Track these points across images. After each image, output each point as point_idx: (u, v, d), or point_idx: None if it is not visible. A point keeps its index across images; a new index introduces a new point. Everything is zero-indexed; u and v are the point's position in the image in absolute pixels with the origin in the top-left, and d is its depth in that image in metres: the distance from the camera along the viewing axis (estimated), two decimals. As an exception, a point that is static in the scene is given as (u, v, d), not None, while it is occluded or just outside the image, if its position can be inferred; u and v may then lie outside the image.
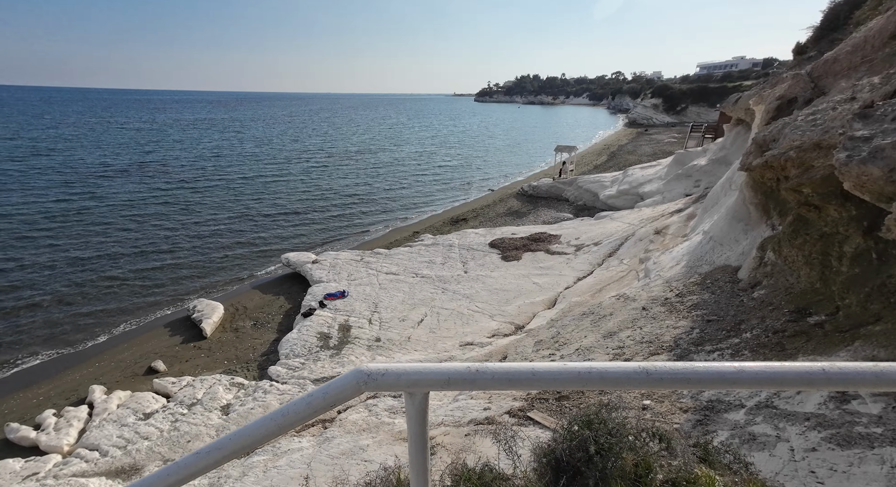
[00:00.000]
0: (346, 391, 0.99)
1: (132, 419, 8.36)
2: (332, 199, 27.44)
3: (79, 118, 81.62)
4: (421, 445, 1.08)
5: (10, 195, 24.53)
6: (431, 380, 0.97)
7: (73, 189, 26.54)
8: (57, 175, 30.26)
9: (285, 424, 1.00)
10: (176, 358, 11.21)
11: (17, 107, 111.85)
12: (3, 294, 14.07)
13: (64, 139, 50.09)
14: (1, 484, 6.92)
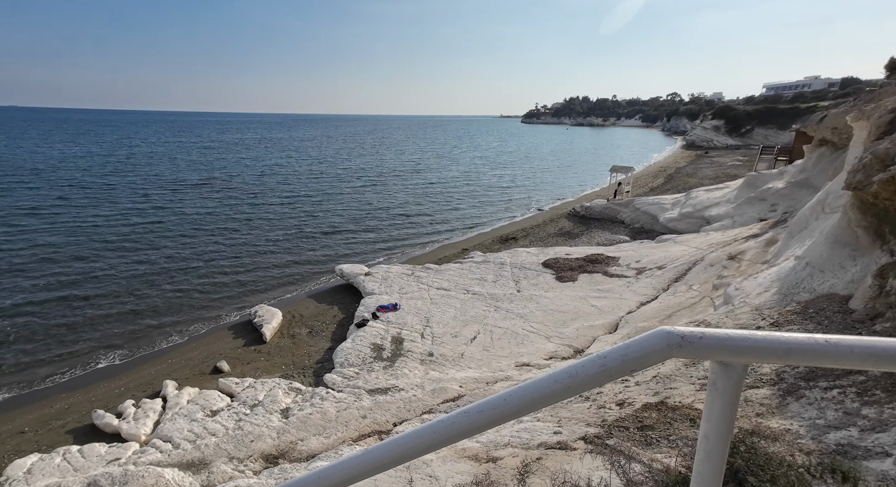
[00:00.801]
0: (652, 354, 0.82)
1: (200, 415, 8.79)
2: (382, 215, 28.25)
3: (159, 138, 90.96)
4: (724, 432, 0.87)
5: (100, 207, 27.51)
6: (765, 349, 0.79)
7: (150, 202, 29.32)
8: (138, 189, 33.63)
9: (573, 386, 0.84)
10: (239, 360, 11.76)
11: (110, 128, 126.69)
12: (94, 296, 15.58)
13: (145, 157, 55.86)
14: (88, 466, 7.47)
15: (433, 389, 8.48)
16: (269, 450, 7.35)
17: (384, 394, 8.68)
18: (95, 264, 18.19)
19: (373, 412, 8.04)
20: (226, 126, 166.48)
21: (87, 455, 7.77)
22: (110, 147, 66.79)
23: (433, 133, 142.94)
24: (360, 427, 7.63)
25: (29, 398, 10.25)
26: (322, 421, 7.90)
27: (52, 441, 8.69)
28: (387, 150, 76.35)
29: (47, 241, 20.55)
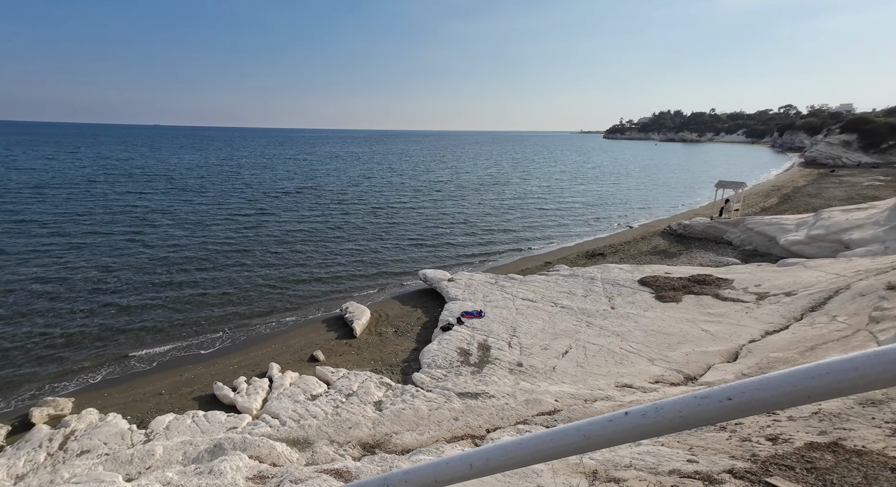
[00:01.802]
0: None
1: (302, 398, 9.40)
2: (462, 226, 28.57)
3: (263, 150, 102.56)
4: None
5: (217, 210, 31.50)
6: None
7: (253, 206, 32.89)
8: (243, 194, 38.00)
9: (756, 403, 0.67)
10: (332, 351, 12.46)
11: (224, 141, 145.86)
12: (210, 285, 17.73)
13: (250, 167, 63.18)
14: (212, 429, 8.34)
15: (526, 400, 8.14)
16: (365, 439, 7.56)
17: (474, 399, 8.53)
18: (207, 258, 20.76)
19: (464, 415, 7.92)
20: (316, 140, 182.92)
21: (210, 421, 8.68)
22: (223, 158, 76.91)
23: (511, 148, 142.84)
24: (453, 429, 7.55)
25: (165, 367, 11.83)
26: (415, 418, 7.97)
27: (182, 405, 9.89)
28: (465, 163, 77.73)
29: (174, 234, 24.01)
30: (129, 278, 17.32)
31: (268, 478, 5.85)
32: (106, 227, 24.84)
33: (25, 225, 24.33)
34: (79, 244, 21.33)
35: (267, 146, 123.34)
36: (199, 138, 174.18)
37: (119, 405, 9.82)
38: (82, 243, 21.62)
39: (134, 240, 22.54)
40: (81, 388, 10.67)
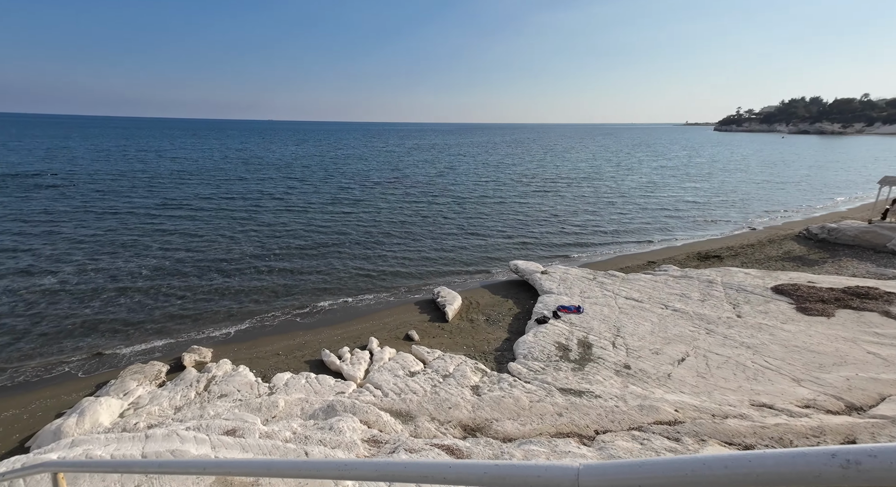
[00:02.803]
0: None
1: (401, 373, 9.74)
2: (552, 219, 27.46)
3: (358, 143, 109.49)
4: None
5: (317, 197, 34.25)
6: None
7: (348, 194, 35.10)
8: (340, 183, 40.76)
9: None
10: (425, 332, 12.77)
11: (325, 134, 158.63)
12: (317, 266, 19.29)
13: (347, 158, 67.72)
14: (323, 391, 9.04)
15: (639, 405, 7.42)
16: (465, 421, 7.54)
17: (578, 396, 8.02)
18: (309, 238, 22.64)
19: (569, 412, 7.48)
20: (405, 134, 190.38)
21: (321, 383, 9.41)
22: (323, 150, 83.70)
23: (605, 141, 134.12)
24: (557, 425, 7.16)
25: (280, 331, 13.17)
26: (515, 407, 7.74)
27: (296, 366, 10.90)
28: (554, 157, 74.80)
29: (283, 217, 26.65)
30: (251, 252, 19.65)
31: (381, 443, 6.10)
32: (229, 207, 28.57)
33: (171, 206, 29.02)
34: (210, 221, 24.81)
35: (361, 139, 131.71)
36: (304, 132, 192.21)
37: (246, 360, 11.14)
38: (212, 219, 25.12)
39: (251, 219, 25.57)
40: (218, 342, 12.33)
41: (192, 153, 67.97)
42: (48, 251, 18.50)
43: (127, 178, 39.30)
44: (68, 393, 9.63)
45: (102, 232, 21.66)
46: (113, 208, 27.02)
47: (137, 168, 46.20)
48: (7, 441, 8.01)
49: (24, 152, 59.27)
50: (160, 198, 30.58)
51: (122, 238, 20.75)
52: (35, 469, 1.70)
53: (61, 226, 22.46)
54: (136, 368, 10.32)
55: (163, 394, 9.14)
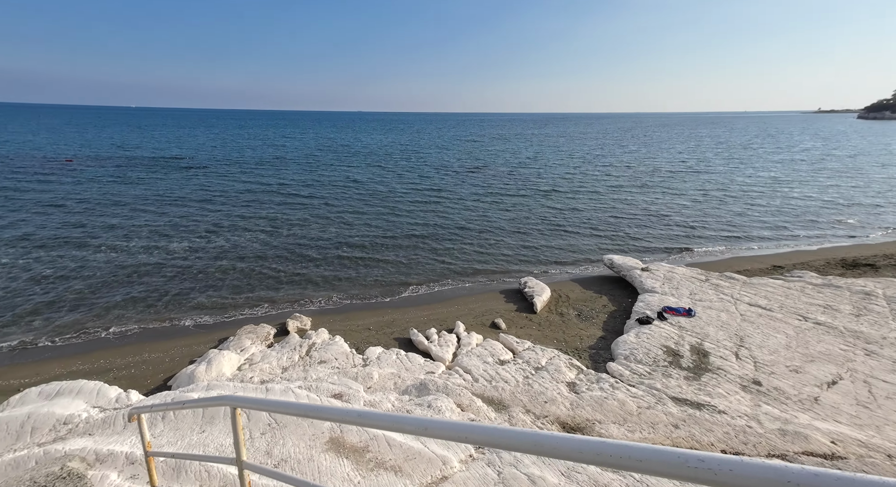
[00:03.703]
0: None
1: (491, 360, 9.47)
2: (647, 214, 25.07)
3: (440, 132, 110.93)
4: None
5: (400, 185, 35.15)
6: None
7: (428, 182, 35.47)
8: (421, 171, 41.39)
9: None
10: (512, 322, 12.35)
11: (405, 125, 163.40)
12: (404, 250, 19.77)
13: (428, 147, 68.80)
14: (413, 368, 9.13)
15: (780, 429, 6.25)
16: (563, 418, 7.03)
17: (696, 409, 7.03)
18: (395, 223, 23.24)
19: (686, 424, 6.57)
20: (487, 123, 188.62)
21: (411, 361, 9.53)
22: (407, 140, 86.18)
23: (713, 131, 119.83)
24: (673, 437, 6.33)
25: (371, 306, 13.71)
26: (621, 411, 7.02)
27: (385, 342, 11.22)
28: (651, 148, 68.59)
29: (365, 204, 27.79)
30: (340, 233, 20.82)
31: (481, 428, 5.89)
32: (319, 194, 30.63)
33: (274, 190, 31.95)
34: (305, 205, 26.83)
35: (444, 129, 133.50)
36: (389, 122, 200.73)
37: (340, 331, 11.74)
38: (306, 203, 27.13)
39: (338, 204, 27.12)
40: (315, 312, 13.20)
41: (291, 142, 74.55)
42: (177, 222, 21.49)
43: (238, 163, 44.28)
44: (198, 344, 10.99)
45: (212, 210, 24.59)
46: (227, 189, 30.60)
47: (247, 155, 51.80)
48: (154, 378, 9.35)
49: (163, 140, 69.98)
50: (265, 181, 33.90)
51: (233, 215, 23.35)
52: (218, 400, 1.80)
53: (187, 204, 25.97)
54: (249, 328, 11.44)
55: (271, 354, 9.97)
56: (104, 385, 6.61)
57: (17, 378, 9.22)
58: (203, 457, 2.17)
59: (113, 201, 25.18)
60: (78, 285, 14.00)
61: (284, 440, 4.75)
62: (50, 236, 18.61)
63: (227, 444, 4.68)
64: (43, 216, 21.60)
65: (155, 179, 32.76)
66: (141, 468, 4.25)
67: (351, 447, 4.66)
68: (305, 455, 4.49)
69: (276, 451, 4.55)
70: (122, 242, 18.25)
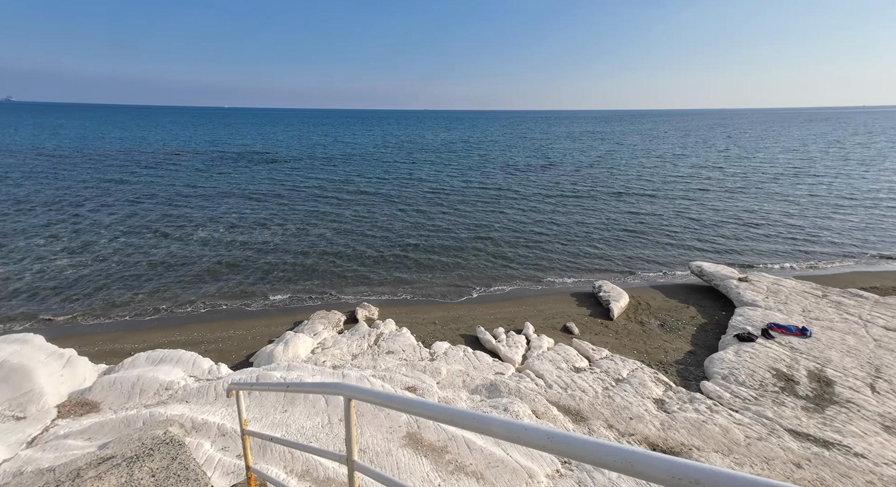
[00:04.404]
0: None
1: (564, 366, 8.85)
2: (739, 220, 22.40)
3: (508, 130, 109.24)
4: None
5: (457, 180, 34.78)
6: None
7: (492, 180, 34.70)
8: (484, 169, 40.72)
9: None
10: (586, 327, 11.52)
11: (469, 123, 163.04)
12: (467, 246, 19.48)
13: (491, 144, 67.82)
14: (481, 368, 8.80)
15: (946, 487, 4.99)
16: (653, 438, 6.27)
17: (824, 448, 5.90)
18: (454, 220, 22.97)
19: (813, 465, 5.52)
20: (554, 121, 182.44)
21: (479, 359, 9.20)
22: (468, 137, 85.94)
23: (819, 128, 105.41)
24: (796, 478, 5.33)
25: (436, 300, 13.61)
26: (724, 439, 6.10)
27: (451, 337, 11.01)
28: (743, 147, 61.85)
29: (427, 201, 27.82)
30: (404, 228, 21.05)
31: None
32: (383, 190, 31.34)
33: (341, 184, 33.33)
34: (370, 200, 27.58)
35: (507, 126, 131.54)
36: (453, 120, 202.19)
37: (406, 323, 11.74)
38: (373, 198, 27.88)
39: (401, 200, 27.51)
40: (382, 303, 13.37)
41: (358, 139, 77.79)
42: (257, 213, 23.14)
43: (310, 159, 46.93)
44: (275, 325, 11.60)
45: (286, 203, 26.14)
46: (299, 184, 32.51)
47: (318, 151, 54.77)
48: (238, 353, 10.00)
49: (248, 137, 76.54)
50: (334, 176, 35.52)
51: (304, 208, 24.65)
52: (332, 388, 1.71)
53: (266, 198, 27.93)
54: (321, 314, 11.85)
55: (342, 340, 10.20)
56: (199, 357, 7.08)
57: (129, 343, 10.36)
58: (306, 448, 1.99)
59: (205, 192, 27.86)
60: (178, 265, 15.54)
61: (362, 429, 4.64)
62: (157, 220, 20.98)
63: (307, 427, 4.68)
64: (152, 202, 24.46)
65: (239, 173, 35.78)
66: (230, 441, 4.37)
67: (429, 445, 4.43)
68: (383, 447, 4.34)
69: (354, 440, 4.45)
70: (210, 229, 20.04)
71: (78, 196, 25.15)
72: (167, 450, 3.43)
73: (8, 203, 23.10)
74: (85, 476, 3.23)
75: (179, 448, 3.47)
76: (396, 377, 6.40)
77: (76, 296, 12.98)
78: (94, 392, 5.99)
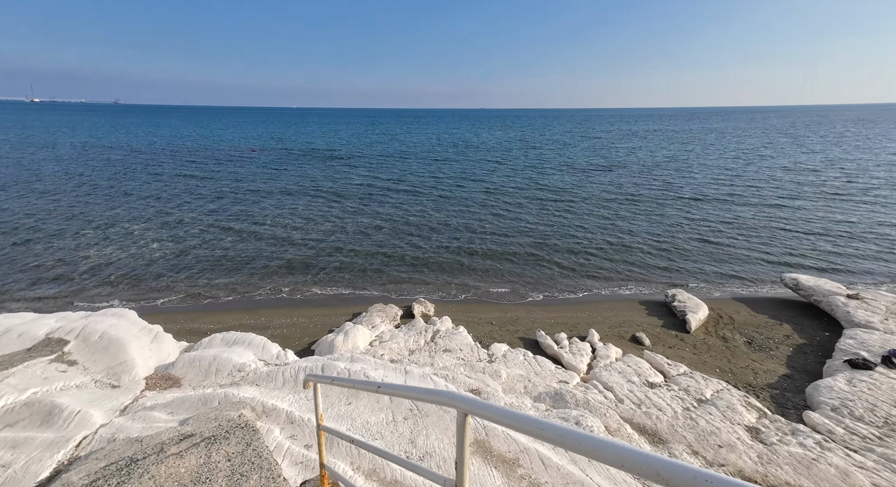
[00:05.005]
0: None
1: (636, 380, 8.10)
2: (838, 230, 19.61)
3: (568, 129, 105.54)
4: None
5: (511, 179, 33.80)
6: None
7: (549, 179, 33.31)
8: (541, 169, 39.31)
9: None
10: (658, 339, 10.57)
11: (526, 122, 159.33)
12: (519, 248, 18.83)
13: (550, 144, 65.58)
14: (543, 374, 8.31)
15: None
16: (749, 472, 5.46)
17: (982, 510, 4.76)
18: (507, 219, 22.26)
19: (970, 530, 4.46)
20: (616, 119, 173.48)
21: (541, 365, 8.70)
22: (529, 135, 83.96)
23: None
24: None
25: (492, 300, 13.23)
26: (843, 484, 5.16)
27: (509, 339, 10.59)
28: (845, 146, 54.77)
29: (479, 200, 27.28)
30: (456, 226, 20.80)
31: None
32: (436, 187, 31.29)
33: (396, 181, 33.79)
34: (427, 198, 27.66)
35: (567, 125, 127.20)
36: (510, 118, 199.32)
37: (463, 321, 11.48)
38: (427, 196, 27.93)
39: (454, 197, 27.26)
40: (437, 300, 13.25)
41: (414, 137, 78.98)
42: (319, 206, 24.09)
43: (367, 156, 48.25)
44: (335, 315, 11.88)
45: (345, 198, 26.92)
46: (357, 180, 33.50)
47: (375, 149, 56.19)
48: (301, 340, 10.33)
49: (312, 135, 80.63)
50: (389, 175, 36.21)
51: (361, 204, 25.27)
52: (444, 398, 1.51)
53: (325, 193, 29.03)
54: (379, 307, 11.95)
55: (399, 335, 10.17)
56: (267, 341, 7.32)
57: (205, 324, 11.10)
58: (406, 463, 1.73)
59: (273, 188, 29.59)
60: (248, 254, 16.54)
61: (427, 431, 4.43)
62: (233, 213, 22.58)
63: (372, 423, 4.56)
64: (230, 196, 26.41)
65: (303, 170, 37.65)
66: (298, 429, 4.34)
67: (499, 455, 4.11)
68: (451, 452, 4.08)
69: (420, 442, 4.25)
70: (278, 223, 21.16)
71: (167, 188, 27.81)
72: (242, 435, 3.42)
73: (112, 193, 26.09)
74: (168, 452, 3.30)
75: (253, 434, 3.44)
76: (459, 378, 6.15)
77: (163, 278, 14.22)
78: (176, 368, 6.36)
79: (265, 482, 2.89)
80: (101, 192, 26.20)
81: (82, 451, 4.29)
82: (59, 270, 14.61)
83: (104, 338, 6.67)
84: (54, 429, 4.65)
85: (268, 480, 2.91)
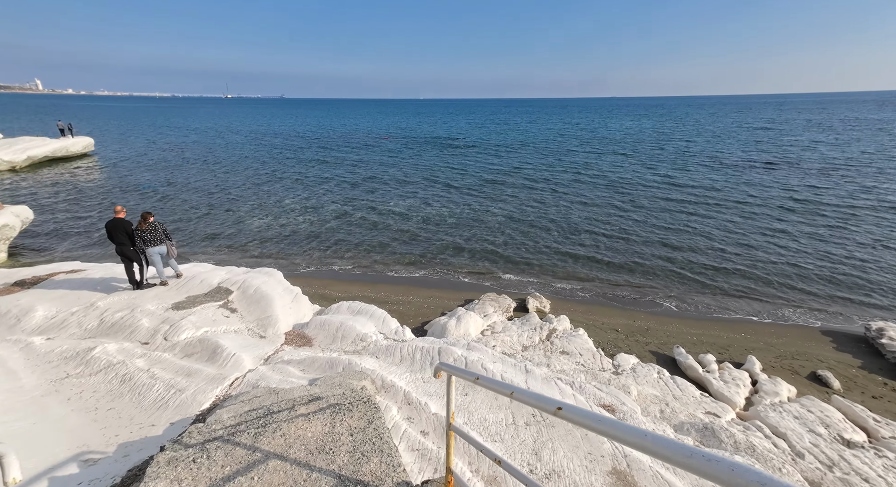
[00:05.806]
0: None
1: (823, 432, 6.19)
2: None
3: (719, 118, 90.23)
4: None
5: (646, 176, 29.47)
6: None
7: (687, 177, 28.25)
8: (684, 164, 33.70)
9: None
10: (853, 383, 8.04)
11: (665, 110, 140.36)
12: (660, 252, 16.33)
13: (694, 135, 56.32)
14: (685, 400, 6.92)
15: None
16: None
17: None
18: (634, 221, 19.41)
19: None
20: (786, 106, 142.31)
21: (681, 388, 7.29)
22: (661, 124, 73.87)
23: None
24: None
25: (619, 305, 11.76)
26: None
27: (638, 352, 9.20)
28: None
29: (601, 194, 24.39)
30: (575, 220, 19.06)
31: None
32: (565, 180, 29.21)
33: (514, 171, 32.60)
34: (545, 190, 26.07)
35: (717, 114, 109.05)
36: (644, 107, 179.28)
37: (582, 323, 10.40)
38: (545, 187, 26.29)
39: (572, 191, 25.05)
40: (554, 296, 12.30)
41: (537, 126, 76.11)
42: (438, 193, 24.60)
43: (484, 145, 47.88)
44: (448, 299, 11.89)
45: (465, 187, 26.87)
46: (474, 169, 33.36)
47: (494, 139, 55.48)
48: (415, 319, 10.56)
49: (435, 125, 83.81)
50: (505, 164, 35.28)
51: (478, 193, 24.97)
52: None
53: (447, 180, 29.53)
54: (492, 296, 11.57)
55: (511, 327, 9.64)
56: (387, 315, 7.49)
57: (335, 291, 12.15)
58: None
59: (399, 174, 31.38)
60: (375, 231, 17.75)
61: (554, 444, 3.83)
62: (365, 193, 24.62)
63: (490, 421, 4.14)
64: (364, 179, 28.93)
65: (427, 157, 39.18)
66: (415, 411, 4.15)
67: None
68: (584, 478, 3.42)
69: (545, 456, 3.67)
70: (403, 205, 22.28)
71: (312, 169, 31.72)
72: (364, 410, 3.29)
73: (265, 174, 30.81)
74: (297, 411, 3.34)
75: (375, 411, 3.29)
76: (587, 388, 5.36)
77: (305, 246, 16.10)
78: (309, 328, 6.89)
79: (385, 468, 2.66)
80: (265, 170, 31.17)
81: (234, 390, 4.79)
82: (231, 230, 17.67)
83: (257, 292, 7.58)
84: (216, 366, 5.33)
85: (388, 467, 2.68)
